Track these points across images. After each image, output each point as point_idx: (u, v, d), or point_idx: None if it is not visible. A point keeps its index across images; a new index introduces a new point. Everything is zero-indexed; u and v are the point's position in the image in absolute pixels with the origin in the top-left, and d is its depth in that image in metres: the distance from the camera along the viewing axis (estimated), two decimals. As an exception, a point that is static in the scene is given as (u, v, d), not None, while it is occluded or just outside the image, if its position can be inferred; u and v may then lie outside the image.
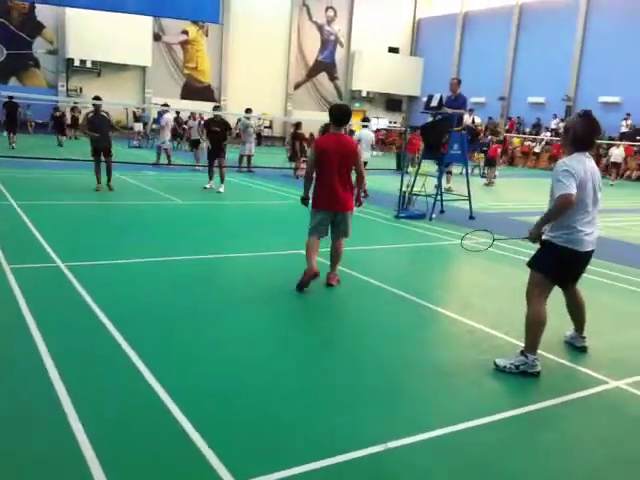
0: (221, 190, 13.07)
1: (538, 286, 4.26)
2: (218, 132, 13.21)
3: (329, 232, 6.06)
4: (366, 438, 3.17)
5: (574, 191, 3.93)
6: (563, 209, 3.99)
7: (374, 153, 26.33)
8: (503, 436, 3.40)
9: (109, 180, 11.94)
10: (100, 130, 11.63)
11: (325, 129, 17.45)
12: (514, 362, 4.20)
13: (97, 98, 12.40)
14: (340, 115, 5.79)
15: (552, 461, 3.14)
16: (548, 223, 4.13)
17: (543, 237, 4.26)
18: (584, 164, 4.09)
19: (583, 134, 4.11)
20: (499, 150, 21.17)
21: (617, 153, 25.07)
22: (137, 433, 3.12)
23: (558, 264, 4.22)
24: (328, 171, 5.75)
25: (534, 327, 4.20)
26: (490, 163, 20.61)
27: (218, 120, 13.57)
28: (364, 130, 15.46)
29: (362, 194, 6.18)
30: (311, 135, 18.50)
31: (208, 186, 13.47)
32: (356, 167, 5.90)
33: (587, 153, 4.17)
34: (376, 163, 24.63)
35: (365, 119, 16.99)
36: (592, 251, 4.27)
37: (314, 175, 5.94)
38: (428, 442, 3.21)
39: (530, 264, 4.33)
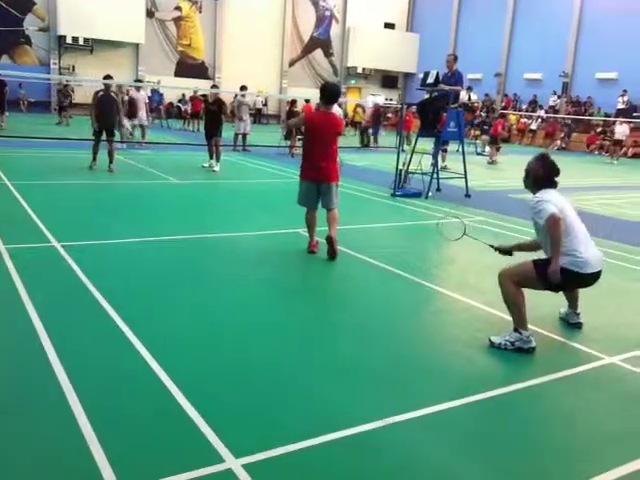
0: (216, 169, 13.04)
1: (521, 279, 4.28)
2: (214, 111, 13.22)
3: (319, 204, 6.47)
4: (364, 414, 3.21)
5: (556, 210, 4.10)
6: (558, 228, 4.08)
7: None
8: (498, 412, 3.44)
9: (111, 162, 11.85)
10: (107, 109, 11.54)
11: (291, 104, 17.54)
12: (509, 339, 4.24)
13: (108, 77, 12.26)
14: (329, 94, 6.25)
15: (547, 435, 3.19)
16: (559, 250, 4.13)
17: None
18: (553, 195, 4.29)
19: (543, 175, 4.38)
20: (500, 127, 20.77)
21: (620, 130, 24.88)
22: (133, 409, 3.14)
23: (562, 283, 4.28)
24: (314, 145, 6.26)
25: (514, 308, 4.29)
26: (494, 141, 20.06)
27: (214, 99, 13.55)
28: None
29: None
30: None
31: (207, 165, 13.44)
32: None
33: (554, 189, 4.38)
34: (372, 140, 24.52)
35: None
36: (599, 272, 4.33)
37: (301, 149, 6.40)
38: (425, 418, 3.25)
39: (536, 263, 4.29)
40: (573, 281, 4.33)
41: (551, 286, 4.31)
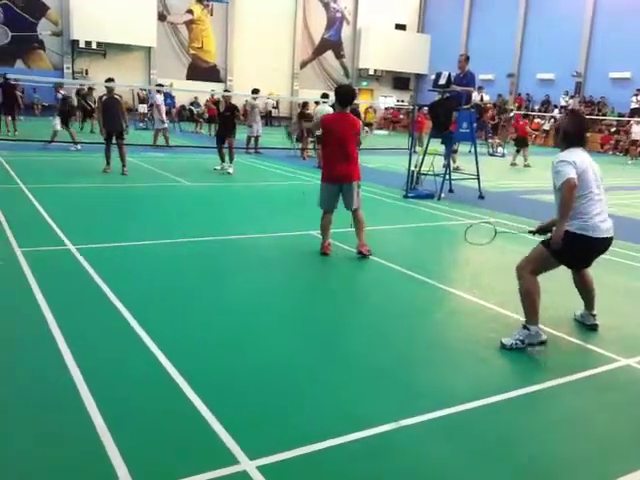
0: (230, 171, 13.07)
1: (536, 263, 4.30)
2: (228, 116, 13.36)
3: (338, 205, 6.54)
4: (377, 416, 3.20)
5: (574, 175, 4.05)
6: (570, 194, 4.05)
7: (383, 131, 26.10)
8: (513, 414, 3.42)
9: (124, 165, 11.92)
10: (112, 113, 11.62)
11: (303, 106, 17.54)
12: (518, 337, 4.23)
13: (109, 80, 12.35)
14: (344, 96, 6.32)
15: (562, 438, 3.16)
16: (567, 215, 4.12)
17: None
18: (579, 155, 4.21)
19: (573, 131, 4.31)
20: (527, 127, 20.04)
21: (636, 130, 24.59)
22: (148, 410, 3.16)
23: (572, 250, 4.24)
24: (332, 147, 6.30)
25: (528, 299, 4.27)
26: (522, 142, 19.04)
27: (227, 106, 13.70)
28: (321, 105, 15.52)
29: None
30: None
31: (219, 167, 13.51)
32: (357, 143, 6.47)
33: (581, 148, 4.31)
34: (385, 142, 24.51)
35: (324, 95, 16.89)
36: (610, 239, 4.31)
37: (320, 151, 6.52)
38: (439, 420, 3.24)
39: (544, 242, 4.33)
40: (583, 248, 4.26)
41: (565, 259, 4.29)
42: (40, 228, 7.05)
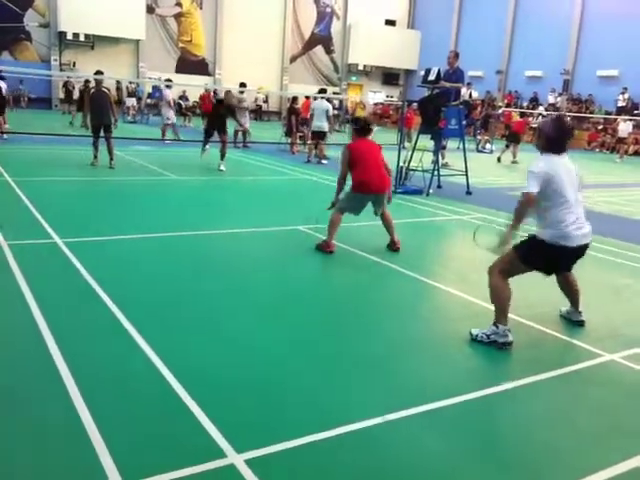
0: (222, 168, 12.74)
1: (505, 265, 4.33)
2: (223, 114, 13.26)
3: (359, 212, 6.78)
4: (365, 410, 3.22)
5: (535, 189, 4.11)
6: (524, 208, 4.18)
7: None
8: (499, 408, 3.45)
9: (111, 159, 11.83)
10: (100, 106, 11.53)
11: (292, 101, 17.50)
12: (485, 331, 4.27)
13: (99, 73, 12.25)
14: (364, 127, 6.83)
15: (546, 432, 3.20)
16: (518, 224, 4.24)
17: (533, 233, 4.35)
18: (554, 163, 4.21)
19: (555, 136, 4.27)
20: (525, 126, 19.96)
21: (623, 128, 24.80)
22: (136, 404, 3.16)
23: (544, 259, 4.29)
24: (367, 161, 6.55)
25: (495, 298, 4.32)
26: (514, 138, 19.09)
27: (227, 103, 13.70)
28: (318, 100, 15.51)
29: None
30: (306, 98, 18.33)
31: (205, 154, 13.44)
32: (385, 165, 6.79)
33: (559, 154, 4.27)
34: (374, 137, 24.51)
35: (321, 90, 16.89)
36: (586, 245, 4.33)
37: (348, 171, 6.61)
38: (425, 414, 3.26)
39: (516, 247, 4.34)
40: (556, 256, 4.27)
41: (538, 267, 4.33)
42: (26, 221, 7.00)
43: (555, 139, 4.28)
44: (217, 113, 13.29)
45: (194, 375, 3.51)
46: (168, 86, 18.30)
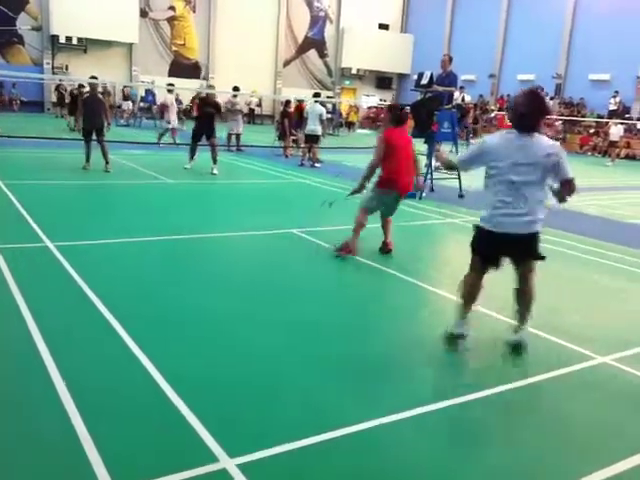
0: (215, 172, 12.69)
1: (471, 259, 4.25)
2: (210, 112, 13.04)
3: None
4: (359, 413, 3.22)
5: (461, 157, 4.29)
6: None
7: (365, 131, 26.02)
8: (490, 411, 3.46)
9: (107, 162, 11.79)
10: (93, 110, 11.52)
11: (285, 104, 17.49)
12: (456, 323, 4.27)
13: (93, 77, 12.31)
14: (401, 115, 6.59)
15: (538, 435, 3.20)
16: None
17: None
18: (504, 139, 3.95)
19: (520, 112, 3.89)
20: None
21: (614, 132, 24.93)
22: (127, 408, 3.15)
23: (479, 244, 4.16)
24: (399, 160, 6.32)
25: (461, 292, 4.29)
26: None
27: (210, 101, 13.40)
28: (312, 104, 15.58)
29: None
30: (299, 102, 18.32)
31: (189, 166, 13.13)
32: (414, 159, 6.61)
33: (526, 132, 3.88)
34: (367, 141, 24.57)
35: (316, 94, 16.94)
36: (521, 237, 3.97)
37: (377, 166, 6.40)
38: (419, 417, 3.26)
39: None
40: (486, 241, 4.06)
41: (480, 253, 4.15)
42: (18, 225, 6.96)
43: (521, 115, 3.88)
44: (204, 114, 13.07)
45: (187, 380, 3.50)
46: (170, 90, 18.23)
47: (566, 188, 4.00)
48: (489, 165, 4.00)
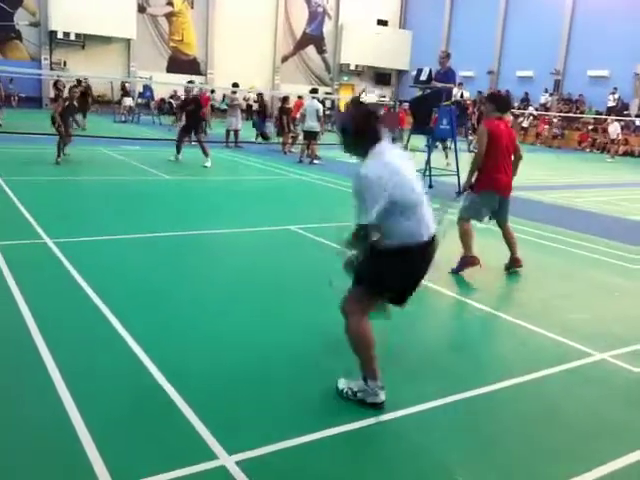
0: (207, 165, 12.95)
1: (362, 300, 3.37)
2: (191, 110, 13.45)
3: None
4: (357, 411, 3.21)
5: (374, 217, 3.09)
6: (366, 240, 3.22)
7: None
8: (489, 408, 3.45)
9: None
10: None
11: (283, 101, 17.47)
12: (352, 387, 3.36)
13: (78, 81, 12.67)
14: (506, 102, 6.23)
15: (536, 431, 3.21)
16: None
17: None
18: (391, 159, 3.22)
19: (364, 125, 3.25)
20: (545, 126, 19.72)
21: (612, 130, 24.92)
22: (126, 405, 3.14)
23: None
24: (502, 155, 5.81)
25: (359, 346, 3.33)
26: None
27: (189, 99, 13.88)
28: (310, 100, 15.56)
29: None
30: (299, 98, 18.29)
31: (173, 158, 13.49)
32: (516, 152, 6.00)
33: (386, 141, 3.27)
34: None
35: (313, 90, 16.95)
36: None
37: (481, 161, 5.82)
38: (417, 415, 3.26)
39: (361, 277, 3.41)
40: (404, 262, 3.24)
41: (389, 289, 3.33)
42: (16, 221, 6.95)
43: (367, 127, 3.23)
44: (187, 112, 13.54)
45: (186, 377, 3.49)
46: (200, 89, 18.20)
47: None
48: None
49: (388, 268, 3.20)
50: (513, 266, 6.04)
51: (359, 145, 3.27)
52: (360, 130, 3.25)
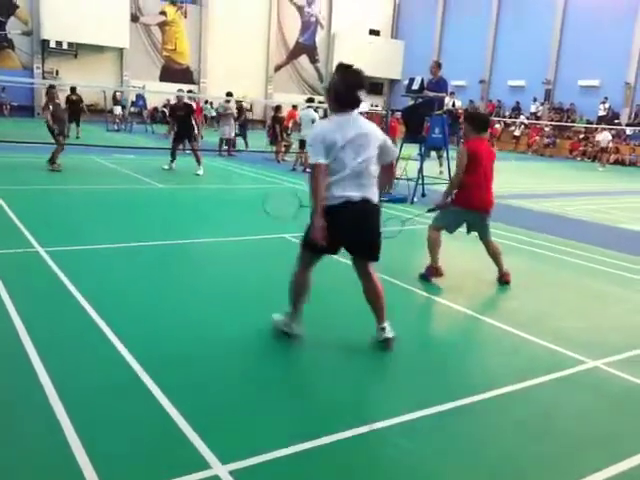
0: (199, 172, 12.98)
1: (302, 256, 4.27)
2: (182, 116, 13.46)
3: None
4: (349, 420, 3.20)
5: (322, 159, 3.76)
6: (317, 181, 3.77)
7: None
8: (482, 416, 3.45)
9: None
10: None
11: (276, 110, 17.49)
12: (284, 318, 4.23)
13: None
14: (483, 122, 6.11)
15: (530, 439, 3.20)
16: (318, 204, 3.82)
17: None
18: (341, 124, 3.86)
19: (344, 90, 3.92)
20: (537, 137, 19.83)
21: (601, 139, 25.12)
22: (118, 414, 3.12)
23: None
24: (483, 174, 5.85)
25: (294, 289, 4.22)
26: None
27: (181, 105, 13.85)
28: (305, 110, 15.64)
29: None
30: (294, 107, 18.29)
31: (167, 167, 13.49)
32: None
33: (351, 110, 3.93)
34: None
35: (309, 99, 17.04)
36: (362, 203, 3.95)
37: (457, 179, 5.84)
38: (411, 422, 3.25)
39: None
40: (339, 219, 3.85)
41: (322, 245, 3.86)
42: (8, 230, 6.91)
43: (345, 93, 3.93)
44: (177, 118, 13.56)
45: (177, 384, 3.48)
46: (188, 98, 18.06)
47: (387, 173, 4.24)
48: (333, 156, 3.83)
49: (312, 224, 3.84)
50: (502, 282, 6.03)
51: (334, 107, 3.97)
52: (339, 98, 3.94)
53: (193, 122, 13.65)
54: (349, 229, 3.94)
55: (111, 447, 2.85)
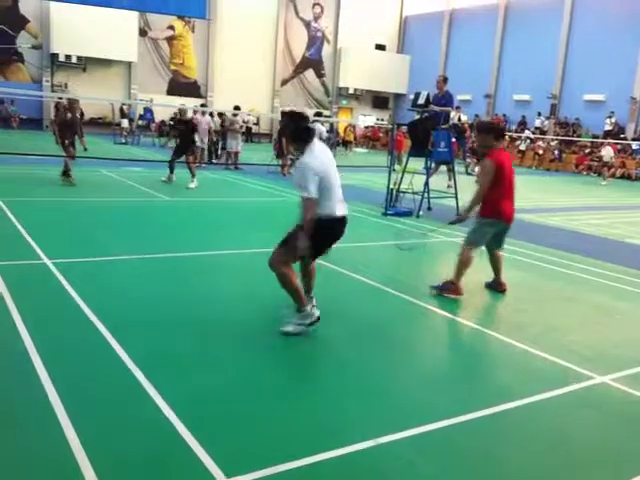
0: (191, 186, 12.91)
1: (287, 257, 4.70)
2: (183, 130, 13.64)
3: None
4: (355, 434, 3.19)
5: (315, 193, 4.40)
6: (310, 213, 4.45)
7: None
8: (488, 431, 3.43)
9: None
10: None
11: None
12: (296, 321, 4.52)
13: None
14: (500, 130, 6.26)
15: (536, 455, 3.18)
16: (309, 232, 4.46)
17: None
18: (319, 153, 4.53)
19: (295, 129, 4.57)
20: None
21: (604, 154, 25.09)
22: (123, 426, 3.12)
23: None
24: (507, 184, 5.92)
25: (290, 288, 4.57)
26: None
27: (181, 120, 14.20)
28: (314, 124, 15.63)
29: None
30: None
31: (164, 179, 13.54)
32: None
33: (316, 140, 4.58)
34: (364, 159, 24.72)
35: (317, 114, 17.11)
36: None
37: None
38: (421, 437, 3.24)
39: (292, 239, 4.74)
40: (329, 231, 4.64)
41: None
42: (16, 242, 6.95)
43: (297, 130, 4.58)
44: (178, 132, 13.82)
45: (183, 396, 3.47)
46: (203, 112, 18.08)
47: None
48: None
49: (315, 236, 4.44)
50: (497, 289, 6.16)
51: (296, 145, 4.58)
52: (294, 137, 4.60)
53: (195, 137, 13.78)
54: (337, 239, 4.77)
55: (115, 457, 2.84)
